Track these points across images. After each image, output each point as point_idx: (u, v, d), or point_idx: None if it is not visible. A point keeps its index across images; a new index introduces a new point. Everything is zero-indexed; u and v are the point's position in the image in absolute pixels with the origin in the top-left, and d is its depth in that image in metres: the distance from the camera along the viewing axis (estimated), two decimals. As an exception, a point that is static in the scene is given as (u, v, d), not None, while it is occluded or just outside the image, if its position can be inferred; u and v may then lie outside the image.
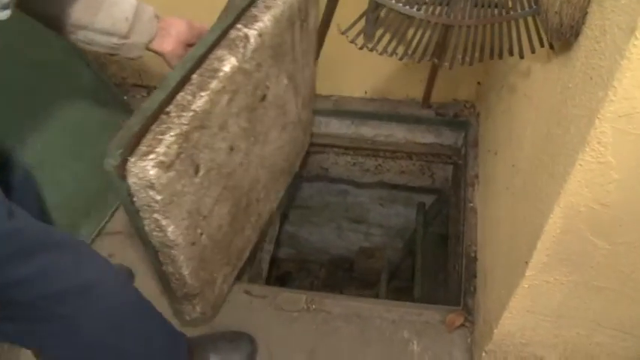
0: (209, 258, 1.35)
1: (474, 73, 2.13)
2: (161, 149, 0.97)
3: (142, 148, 0.96)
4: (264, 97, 1.32)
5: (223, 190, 1.27)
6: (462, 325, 1.64)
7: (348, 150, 2.42)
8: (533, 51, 1.04)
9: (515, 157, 1.37)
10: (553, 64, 1.06)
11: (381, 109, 2.29)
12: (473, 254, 1.81)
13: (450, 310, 1.71)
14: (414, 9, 0.96)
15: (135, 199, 1.00)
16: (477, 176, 1.99)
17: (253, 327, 1.64)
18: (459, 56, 1.05)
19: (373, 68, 2.18)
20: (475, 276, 1.75)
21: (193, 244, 1.21)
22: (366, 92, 2.32)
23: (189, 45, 1.21)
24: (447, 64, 1.06)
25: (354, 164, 2.50)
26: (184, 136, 1.01)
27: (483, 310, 1.52)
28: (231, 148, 1.23)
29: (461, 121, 2.24)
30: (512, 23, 1.00)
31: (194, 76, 1.07)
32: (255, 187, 1.51)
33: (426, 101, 2.26)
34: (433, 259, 2.62)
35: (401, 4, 0.96)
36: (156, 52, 1.19)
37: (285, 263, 3.76)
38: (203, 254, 1.30)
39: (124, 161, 0.94)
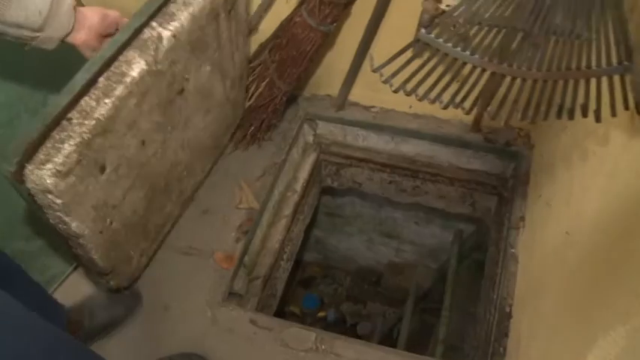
0: (122, 240, 1.36)
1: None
2: (59, 159, 0.96)
3: (40, 156, 0.96)
4: (182, 91, 1.30)
5: (136, 179, 1.27)
6: (486, 393, 1.44)
7: (385, 167, 2.22)
8: (614, 114, 0.82)
9: (572, 224, 1.15)
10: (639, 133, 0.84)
11: (425, 127, 2.08)
12: (508, 309, 1.60)
13: (474, 373, 1.52)
14: (468, 52, 0.76)
15: (36, 199, 1.01)
16: (522, 219, 1.76)
17: (252, 364, 1.49)
18: (519, 110, 0.84)
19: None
20: (507, 335, 1.55)
21: (101, 232, 1.22)
22: (410, 107, 2.10)
23: (105, 36, 1.17)
24: (501, 116, 0.86)
25: (390, 182, 2.30)
26: (86, 144, 1.00)
27: (513, 386, 1.32)
28: (143, 143, 1.22)
29: (512, 151, 2.00)
30: (592, 80, 0.79)
31: (101, 79, 1.06)
32: (176, 168, 1.50)
33: (476, 124, 2.04)
34: (466, 292, 2.41)
35: (450, 45, 0.75)
36: (69, 44, 1.14)
37: (310, 267, 3.61)
38: (114, 238, 1.30)
39: (21, 167, 0.94)
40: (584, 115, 0.83)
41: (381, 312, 3.29)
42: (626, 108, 0.81)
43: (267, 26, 1.83)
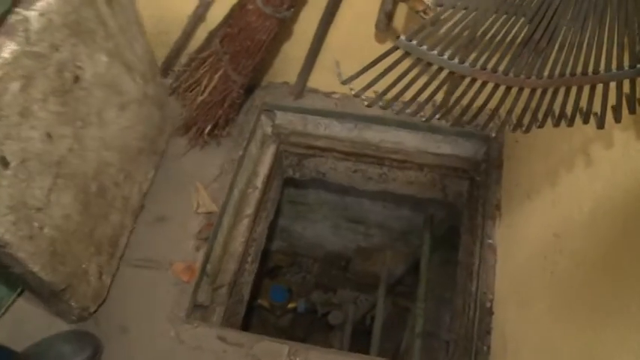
0: (65, 250, 1.32)
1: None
2: None
3: None
4: (77, 79, 1.28)
5: (57, 178, 1.25)
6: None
7: (350, 156, 2.11)
8: (618, 120, 0.72)
9: (561, 225, 1.06)
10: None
11: (389, 113, 1.94)
12: (488, 304, 1.53)
13: (457, 377, 1.44)
14: (455, 60, 0.64)
15: None
16: (498, 207, 1.68)
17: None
18: (511, 121, 0.73)
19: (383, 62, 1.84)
20: (489, 332, 1.48)
21: (31, 238, 1.18)
22: (374, 92, 1.98)
23: None
24: (492, 127, 0.75)
25: (355, 171, 2.19)
26: None
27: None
28: (49, 136, 1.20)
29: (483, 134, 1.91)
30: (599, 85, 0.68)
31: None
32: (106, 170, 1.48)
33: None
34: (439, 278, 2.35)
35: (435, 52, 0.63)
36: None
37: (276, 255, 3.49)
38: (54, 247, 1.27)
39: None
40: (586, 122, 0.73)
41: (352, 299, 3.21)
42: (632, 112, 0.71)
43: (216, 14, 1.67)
